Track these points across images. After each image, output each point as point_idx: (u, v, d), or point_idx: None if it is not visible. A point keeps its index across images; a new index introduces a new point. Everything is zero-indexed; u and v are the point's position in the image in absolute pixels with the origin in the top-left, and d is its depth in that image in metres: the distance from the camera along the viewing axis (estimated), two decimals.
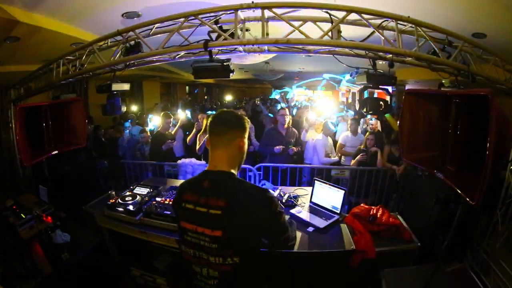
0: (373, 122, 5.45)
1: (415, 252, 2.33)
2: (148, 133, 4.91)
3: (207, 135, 1.38)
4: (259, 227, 1.21)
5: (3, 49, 3.13)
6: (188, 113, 6.83)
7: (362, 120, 5.72)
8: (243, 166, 4.01)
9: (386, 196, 4.11)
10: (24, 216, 2.58)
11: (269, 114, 7.23)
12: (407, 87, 7.01)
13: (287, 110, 4.51)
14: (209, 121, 1.35)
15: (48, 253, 2.38)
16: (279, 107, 7.59)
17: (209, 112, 6.40)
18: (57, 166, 3.70)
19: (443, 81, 2.70)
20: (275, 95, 12.06)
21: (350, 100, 13.01)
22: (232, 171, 1.29)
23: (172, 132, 4.72)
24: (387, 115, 5.18)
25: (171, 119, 4.65)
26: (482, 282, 2.21)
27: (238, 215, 1.18)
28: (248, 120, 1.41)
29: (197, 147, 4.16)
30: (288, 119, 4.30)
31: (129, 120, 6.32)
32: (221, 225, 1.17)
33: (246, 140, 1.35)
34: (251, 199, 1.21)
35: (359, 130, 5.08)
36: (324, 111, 7.16)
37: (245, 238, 1.20)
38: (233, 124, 1.32)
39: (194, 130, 4.49)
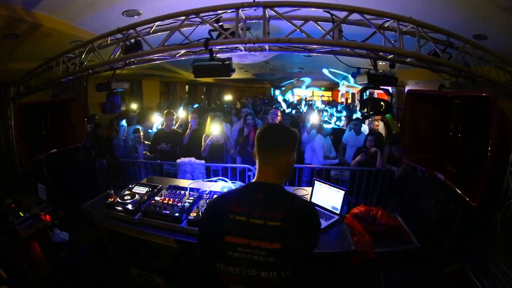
0: (376, 123, 5.43)
1: (414, 253, 2.32)
2: (142, 133, 4.87)
3: (211, 137, 1.36)
4: (309, 239, 1.18)
5: (2, 47, 3.11)
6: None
7: (367, 120, 5.72)
8: (243, 165, 3.97)
9: (385, 196, 4.11)
10: (22, 215, 2.57)
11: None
12: (407, 88, 7.01)
13: (279, 111, 4.47)
14: (256, 136, 1.32)
15: (46, 252, 2.37)
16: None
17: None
18: (56, 164, 3.69)
19: (443, 83, 2.71)
20: (276, 91, 12.00)
21: (350, 101, 13.03)
22: (281, 184, 1.28)
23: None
24: (387, 116, 5.18)
25: (174, 117, 4.63)
26: (482, 283, 2.21)
27: (294, 227, 1.14)
28: (297, 133, 1.37)
29: (202, 148, 4.15)
30: (277, 119, 4.28)
31: (124, 120, 6.21)
32: (280, 237, 1.11)
33: (294, 155, 1.32)
34: (304, 211, 1.20)
35: (366, 130, 5.10)
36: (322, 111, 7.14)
37: (301, 250, 1.15)
38: (280, 141, 1.28)
39: (188, 130, 4.48)
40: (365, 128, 5.52)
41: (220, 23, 2.38)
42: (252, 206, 1.16)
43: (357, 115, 6.26)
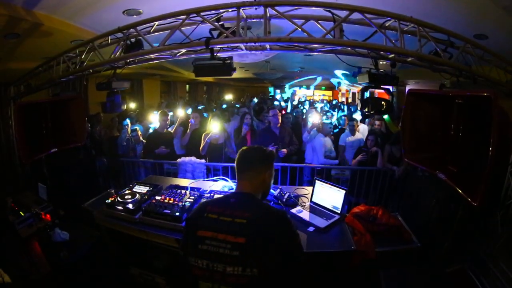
0: (377, 122, 5.42)
1: (415, 253, 2.32)
2: (140, 132, 4.86)
3: (210, 135, 1.42)
4: (277, 244, 1.23)
5: (3, 46, 3.11)
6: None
7: (367, 120, 5.70)
8: None
9: (386, 196, 4.11)
10: (23, 214, 2.56)
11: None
12: (407, 87, 7.00)
13: (277, 110, 4.47)
14: (236, 157, 1.48)
15: (46, 252, 2.36)
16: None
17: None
18: (56, 163, 3.68)
19: (444, 82, 2.71)
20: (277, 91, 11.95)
21: (350, 100, 13.02)
22: (256, 195, 1.41)
23: (172, 130, 4.69)
24: (386, 118, 5.17)
25: (168, 117, 4.61)
26: (482, 283, 2.21)
27: (261, 227, 1.24)
28: (273, 153, 1.52)
29: (201, 147, 4.15)
30: (279, 118, 4.29)
31: (128, 119, 6.20)
32: (245, 232, 1.21)
33: (271, 173, 1.48)
34: (272, 216, 1.31)
35: (365, 130, 5.09)
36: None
37: (266, 249, 1.21)
38: (256, 163, 1.45)
39: (188, 130, 4.47)
40: (364, 128, 5.51)
41: (221, 22, 2.38)
42: (225, 207, 1.31)
43: (357, 115, 6.26)
